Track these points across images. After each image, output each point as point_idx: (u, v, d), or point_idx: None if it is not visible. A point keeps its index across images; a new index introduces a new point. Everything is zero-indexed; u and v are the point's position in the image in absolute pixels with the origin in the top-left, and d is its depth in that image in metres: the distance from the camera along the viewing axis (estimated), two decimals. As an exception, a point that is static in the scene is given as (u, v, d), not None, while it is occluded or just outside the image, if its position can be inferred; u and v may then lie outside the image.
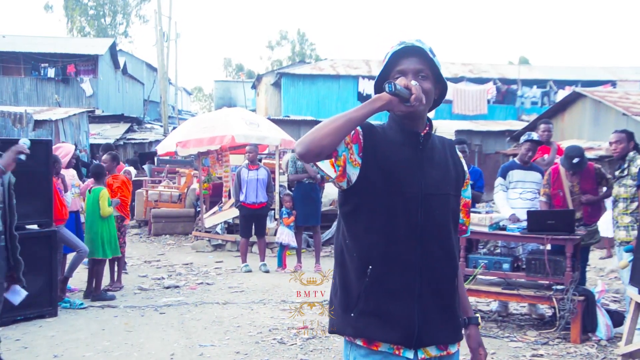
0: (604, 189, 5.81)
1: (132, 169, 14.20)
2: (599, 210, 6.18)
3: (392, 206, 1.80)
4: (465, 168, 2.04)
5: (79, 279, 6.80)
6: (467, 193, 2.04)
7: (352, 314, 1.84)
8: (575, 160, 5.57)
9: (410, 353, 1.84)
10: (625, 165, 5.26)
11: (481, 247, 6.58)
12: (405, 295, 1.81)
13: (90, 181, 6.89)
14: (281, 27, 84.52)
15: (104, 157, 7.41)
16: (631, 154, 5.27)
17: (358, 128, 1.82)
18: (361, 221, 1.84)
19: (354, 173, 1.81)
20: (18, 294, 3.25)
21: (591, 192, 5.73)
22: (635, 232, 4.92)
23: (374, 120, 1.88)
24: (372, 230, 1.82)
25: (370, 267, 1.81)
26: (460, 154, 2.04)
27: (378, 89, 1.90)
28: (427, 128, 1.93)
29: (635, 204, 5.13)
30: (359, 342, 1.85)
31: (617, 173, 5.47)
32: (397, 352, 1.83)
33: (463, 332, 1.98)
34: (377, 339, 1.83)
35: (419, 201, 1.82)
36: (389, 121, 1.94)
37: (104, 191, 6.49)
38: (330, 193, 10.78)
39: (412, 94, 1.75)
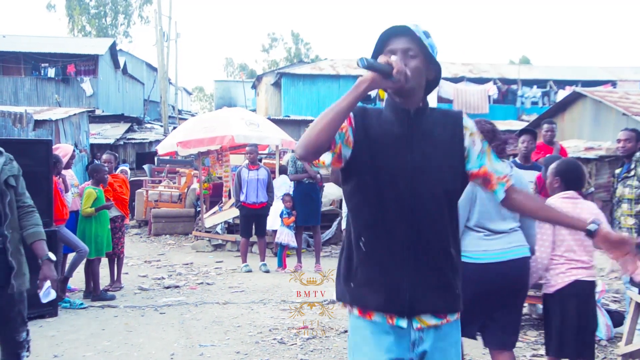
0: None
1: (127, 169, 14.25)
2: None
3: (380, 181, 1.87)
4: (466, 142, 1.96)
5: (79, 279, 6.80)
6: (475, 163, 1.97)
7: (352, 284, 1.95)
8: None
9: (403, 322, 1.89)
10: (632, 166, 5.18)
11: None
12: (395, 265, 1.88)
13: (88, 181, 6.88)
14: (269, 30, 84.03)
15: (106, 156, 7.40)
16: (638, 154, 5.17)
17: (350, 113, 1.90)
18: (355, 197, 1.93)
19: (348, 153, 1.89)
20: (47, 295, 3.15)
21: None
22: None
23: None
24: (364, 205, 1.91)
25: (362, 239, 1.91)
26: (469, 127, 1.99)
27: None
28: (422, 104, 1.95)
29: None
30: (355, 312, 1.96)
31: (617, 171, 5.45)
32: (390, 322, 1.90)
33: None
34: (369, 307, 1.92)
35: (406, 176, 1.86)
36: (385, 103, 1.99)
37: (89, 191, 6.44)
38: (330, 193, 10.78)
39: (393, 68, 1.78)
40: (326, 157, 1.86)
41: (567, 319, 3.33)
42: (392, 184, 1.87)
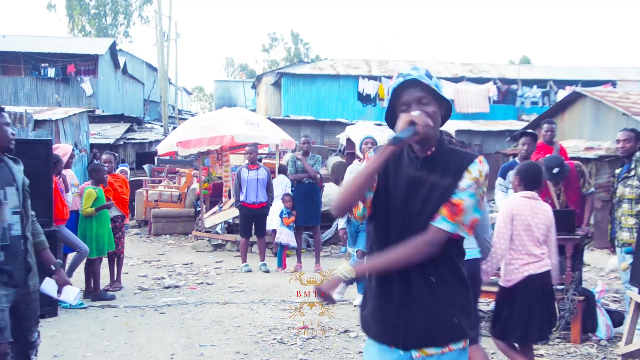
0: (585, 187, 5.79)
1: (127, 169, 14.24)
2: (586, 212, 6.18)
3: (388, 224, 2.01)
4: (463, 183, 1.94)
5: (79, 279, 6.80)
6: (458, 195, 1.93)
7: (364, 313, 2.12)
8: (555, 170, 5.53)
9: (401, 352, 1.99)
10: (632, 166, 5.18)
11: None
12: (393, 301, 1.99)
13: (88, 181, 6.88)
14: (269, 30, 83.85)
15: (106, 156, 7.39)
16: (638, 154, 5.17)
17: None
18: (371, 235, 2.11)
19: (371, 197, 2.03)
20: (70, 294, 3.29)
21: (576, 192, 5.71)
22: None
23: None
24: (376, 241, 2.06)
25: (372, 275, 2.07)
26: (473, 172, 1.97)
27: (388, 119, 2.08)
28: (434, 148, 2.00)
29: None
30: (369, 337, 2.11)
31: (617, 171, 5.44)
32: (392, 347, 2.02)
33: None
34: (372, 337, 2.07)
35: (406, 218, 1.97)
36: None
37: (89, 191, 6.45)
38: (330, 193, 10.77)
39: (418, 125, 1.89)
40: (359, 210, 2.04)
41: (518, 309, 3.72)
42: (397, 226, 1.98)
